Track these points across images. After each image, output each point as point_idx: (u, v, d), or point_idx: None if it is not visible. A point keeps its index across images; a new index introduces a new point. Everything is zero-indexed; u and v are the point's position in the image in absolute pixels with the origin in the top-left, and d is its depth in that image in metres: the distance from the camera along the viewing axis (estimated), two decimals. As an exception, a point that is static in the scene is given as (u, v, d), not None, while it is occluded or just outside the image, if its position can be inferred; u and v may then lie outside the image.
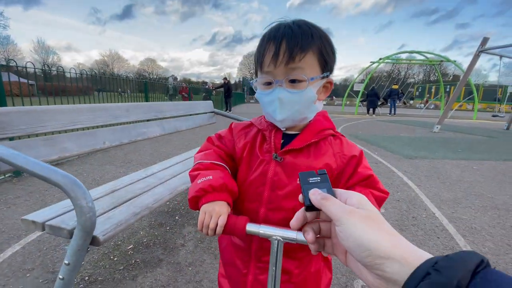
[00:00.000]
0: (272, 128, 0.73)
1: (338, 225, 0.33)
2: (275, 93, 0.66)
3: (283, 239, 0.57)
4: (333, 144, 0.72)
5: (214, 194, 0.65)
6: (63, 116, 1.35)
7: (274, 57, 0.63)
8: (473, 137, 7.70)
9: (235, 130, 0.80)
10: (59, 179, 0.90)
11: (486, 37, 7.31)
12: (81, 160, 4.04)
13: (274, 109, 0.67)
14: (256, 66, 0.72)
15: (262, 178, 0.70)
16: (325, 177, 0.42)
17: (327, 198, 0.36)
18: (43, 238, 1.93)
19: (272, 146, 0.71)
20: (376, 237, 0.30)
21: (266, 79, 0.67)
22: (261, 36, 0.71)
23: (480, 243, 2.05)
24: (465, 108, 25.88)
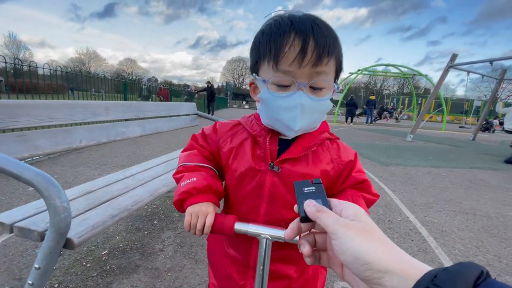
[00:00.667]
0: (267, 133, 0.66)
1: (334, 239, 0.32)
2: (298, 98, 0.56)
3: (271, 238, 0.57)
4: (330, 149, 0.68)
5: (199, 196, 0.63)
6: (38, 112, 1.27)
7: (301, 55, 0.53)
8: (443, 146, 8.19)
9: (220, 130, 0.73)
10: (32, 177, 0.84)
11: (455, 53, 7.88)
12: (52, 161, 3.81)
13: (293, 117, 0.58)
14: (260, 59, 0.60)
15: (258, 190, 0.65)
16: (320, 186, 0.41)
17: (322, 210, 0.36)
18: (9, 243, 1.78)
19: (267, 155, 0.64)
20: (374, 250, 0.30)
21: (285, 80, 0.56)
22: (269, 23, 0.59)
23: (451, 245, 2.17)
24: (435, 120, 27.51)
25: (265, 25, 0.60)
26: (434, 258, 1.96)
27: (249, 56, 0.66)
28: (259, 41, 0.59)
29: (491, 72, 9.42)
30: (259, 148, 0.66)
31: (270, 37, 0.56)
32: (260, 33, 0.61)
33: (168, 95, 11.26)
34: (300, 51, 0.53)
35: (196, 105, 2.88)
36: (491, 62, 7.20)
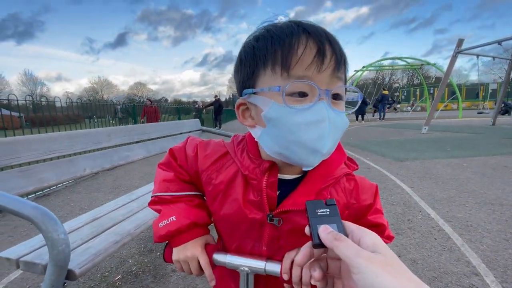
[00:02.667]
0: (263, 173, 0.52)
1: (356, 273, 0.30)
2: (323, 108, 0.44)
3: (251, 271, 0.52)
4: (347, 190, 0.55)
5: (181, 236, 0.56)
6: (39, 145, 1.31)
7: (319, 56, 0.43)
8: (461, 135, 7.85)
9: (202, 159, 0.59)
10: (28, 212, 0.85)
11: (461, 38, 7.65)
12: (69, 189, 3.93)
13: (320, 135, 0.44)
14: (259, 69, 0.47)
15: (256, 244, 0.56)
16: (334, 209, 0.38)
17: (340, 239, 0.33)
18: (26, 276, 1.82)
19: (264, 203, 0.51)
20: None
21: (303, 86, 0.44)
22: (264, 29, 0.48)
23: (478, 240, 2.03)
24: (450, 108, 26.59)
25: (258, 32, 0.49)
26: (461, 256, 1.83)
27: (235, 73, 0.53)
28: (254, 48, 0.47)
29: (503, 53, 9.03)
30: (253, 192, 0.53)
31: (273, 39, 0.45)
32: (253, 40, 0.49)
33: (157, 113, 9.11)
34: (317, 52, 0.43)
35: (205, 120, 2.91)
36: (499, 42, 6.92)
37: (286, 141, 0.46)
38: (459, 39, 7.66)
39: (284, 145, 0.46)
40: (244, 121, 0.53)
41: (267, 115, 0.46)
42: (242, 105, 0.52)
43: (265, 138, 0.48)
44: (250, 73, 0.48)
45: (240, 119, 0.53)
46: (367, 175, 3.80)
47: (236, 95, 0.57)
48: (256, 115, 0.50)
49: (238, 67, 0.52)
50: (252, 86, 0.49)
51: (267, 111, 0.46)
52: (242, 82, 0.50)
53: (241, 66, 0.50)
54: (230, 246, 0.60)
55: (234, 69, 0.54)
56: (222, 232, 0.61)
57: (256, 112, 0.49)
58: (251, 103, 0.50)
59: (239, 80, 0.52)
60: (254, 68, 0.48)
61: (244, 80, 0.50)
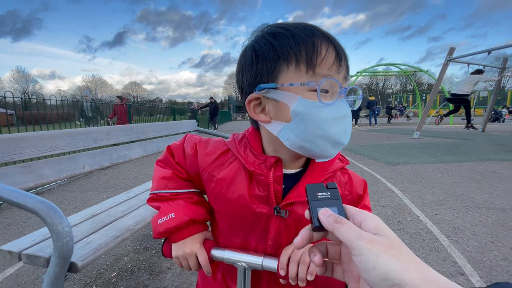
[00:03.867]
0: (269, 168, 0.53)
1: (357, 255, 0.29)
2: (345, 105, 0.49)
3: (248, 266, 0.53)
4: (342, 183, 0.59)
5: (180, 232, 0.57)
6: (41, 142, 1.34)
7: (338, 59, 0.48)
8: (451, 141, 8.03)
9: (201, 156, 0.59)
10: (34, 205, 0.88)
11: (452, 47, 7.85)
12: (63, 187, 3.90)
13: (344, 129, 0.49)
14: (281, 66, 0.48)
15: (261, 239, 0.57)
16: (335, 192, 0.37)
17: (342, 221, 0.32)
18: (22, 272, 1.82)
19: (272, 196, 0.53)
20: (405, 270, 0.27)
21: (330, 83, 0.47)
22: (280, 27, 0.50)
23: (464, 242, 2.11)
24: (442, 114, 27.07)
25: (271, 30, 0.50)
26: (447, 257, 1.91)
27: (248, 67, 0.52)
28: (273, 44, 0.48)
29: (494, 61, 9.31)
30: (259, 187, 0.54)
31: (295, 38, 0.47)
32: (269, 36, 0.49)
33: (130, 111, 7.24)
34: (337, 55, 0.48)
35: (200, 121, 2.94)
36: (489, 52, 7.13)
37: (312, 135, 0.47)
38: (451, 47, 7.86)
39: (309, 139, 0.48)
40: (256, 116, 0.52)
41: (296, 110, 0.47)
42: (255, 100, 0.52)
43: (287, 133, 0.49)
44: (271, 68, 0.49)
45: (252, 114, 0.53)
46: (359, 178, 3.88)
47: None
48: (275, 110, 0.50)
49: (251, 61, 0.51)
50: (272, 81, 0.49)
51: (296, 106, 0.47)
52: (260, 76, 0.50)
53: (257, 60, 0.50)
54: (233, 244, 0.59)
55: (246, 63, 0.52)
56: (224, 229, 0.60)
57: (276, 107, 0.50)
58: (269, 98, 0.50)
59: (254, 74, 0.51)
60: (275, 63, 0.48)
61: (263, 74, 0.50)
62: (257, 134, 0.58)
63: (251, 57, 0.51)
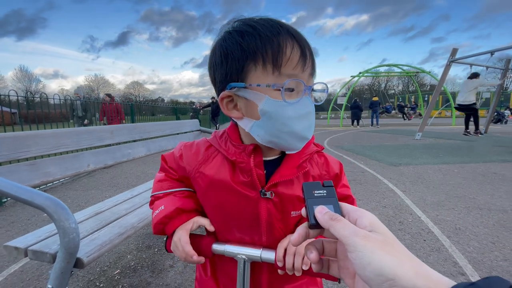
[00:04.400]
0: (249, 155, 0.57)
1: (352, 251, 0.30)
2: (309, 102, 0.53)
3: (248, 258, 0.57)
4: (319, 163, 0.64)
5: (172, 223, 0.60)
6: (47, 141, 1.36)
7: (303, 58, 0.50)
8: (453, 142, 8.01)
9: (187, 157, 0.64)
10: (42, 202, 0.90)
11: (455, 48, 7.83)
12: (65, 186, 3.93)
13: (309, 125, 0.53)
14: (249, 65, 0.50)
15: (255, 222, 0.59)
16: (331, 190, 0.38)
17: (337, 219, 0.33)
18: (26, 268, 1.85)
19: (256, 181, 0.56)
20: (398, 266, 0.27)
21: (295, 84, 0.50)
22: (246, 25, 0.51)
23: (465, 243, 2.11)
24: (444, 115, 26.97)
25: (239, 28, 0.52)
26: (448, 257, 1.91)
27: (218, 65, 0.54)
28: (241, 44, 0.50)
29: (497, 62, 9.28)
30: (242, 174, 0.58)
31: (261, 37, 0.49)
32: (237, 35, 0.51)
33: (120, 112, 7.02)
34: (302, 53, 0.50)
35: (202, 120, 2.96)
36: (492, 53, 7.11)
37: (280, 132, 0.52)
38: (453, 48, 7.85)
39: (277, 135, 0.52)
40: (229, 113, 0.56)
41: (264, 109, 0.50)
42: (227, 97, 0.55)
43: (257, 129, 0.53)
44: (239, 68, 0.51)
45: (225, 111, 0.56)
46: (361, 179, 3.88)
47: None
48: (246, 108, 0.53)
49: (221, 60, 0.53)
50: (241, 80, 0.52)
51: (263, 105, 0.50)
52: (229, 76, 0.52)
53: (226, 59, 0.52)
54: (231, 238, 0.63)
55: (216, 61, 0.54)
56: (219, 225, 0.63)
57: (246, 105, 0.53)
58: (239, 96, 0.53)
59: (225, 73, 0.53)
60: (244, 63, 0.50)
61: (232, 73, 0.52)
62: (235, 128, 0.62)
63: (221, 56, 0.53)
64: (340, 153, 6.18)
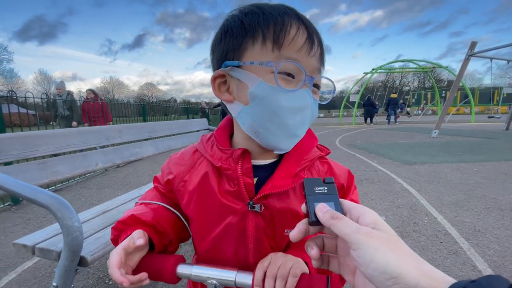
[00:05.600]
0: (234, 160, 0.50)
1: (355, 249, 0.29)
2: (307, 95, 0.45)
3: (219, 283, 0.47)
4: (320, 172, 0.55)
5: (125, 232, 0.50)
6: (55, 140, 1.38)
7: (309, 42, 0.44)
8: (473, 139, 7.68)
9: (173, 168, 0.57)
10: (46, 200, 0.90)
11: (474, 41, 7.49)
12: (80, 184, 4.04)
13: (302, 121, 0.46)
14: (247, 42, 0.45)
15: (241, 238, 0.51)
16: (333, 187, 0.37)
17: (339, 217, 0.32)
18: (39, 265, 1.90)
19: (243, 191, 0.49)
20: (402, 263, 0.27)
21: (294, 68, 0.43)
22: (253, 6, 0.47)
23: (485, 245, 2.00)
24: (462, 112, 26.00)
25: (246, 9, 0.47)
26: (466, 260, 1.82)
27: (216, 44, 0.50)
28: (243, 21, 0.45)
29: (519, 56, 8.80)
30: (229, 182, 0.51)
31: (265, 15, 0.44)
32: (240, 14, 0.47)
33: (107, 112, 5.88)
34: (308, 37, 0.44)
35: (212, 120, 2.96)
36: (514, 46, 6.77)
37: (268, 122, 0.45)
38: (472, 41, 7.51)
39: (264, 125, 0.46)
40: (220, 95, 0.50)
41: (254, 92, 0.44)
42: (220, 77, 0.49)
43: (244, 116, 0.47)
44: (237, 45, 0.46)
45: (216, 93, 0.50)
46: (373, 178, 3.78)
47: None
48: (237, 90, 0.47)
49: (220, 37, 0.48)
50: (237, 58, 0.46)
51: (255, 88, 0.44)
52: (226, 52, 0.47)
53: (225, 36, 0.47)
54: (214, 256, 0.54)
55: (215, 40, 0.50)
56: (201, 238, 0.55)
57: (238, 87, 0.47)
58: (232, 76, 0.47)
59: (222, 50, 0.48)
60: (242, 39, 0.45)
61: (228, 50, 0.46)
62: (225, 129, 0.57)
63: (220, 33, 0.49)
64: (353, 152, 6.05)
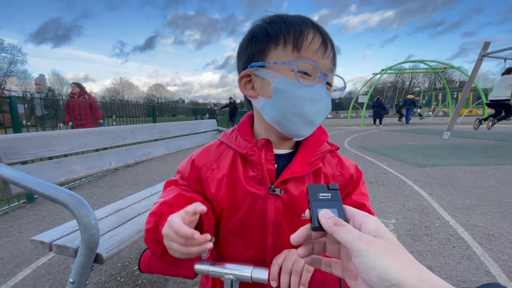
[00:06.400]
0: (258, 148, 0.56)
1: (356, 256, 0.30)
2: (323, 89, 0.52)
3: (236, 278, 0.50)
4: (332, 163, 0.61)
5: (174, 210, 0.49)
6: (71, 140, 1.41)
7: (324, 45, 0.52)
8: (486, 142, 7.50)
9: (199, 161, 0.61)
10: (64, 198, 0.93)
11: (487, 41, 7.31)
12: (92, 183, 4.13)
13: (318, 111, 0.53)
14: (270, 46, 0.53)
15: (262, 220, 0.56)
16: (336, 193, 0.38)
17: (341, 224, 0.33)
18: (53, 262, 1.95)
19: (265, 176, 0.55)
20: (402, 271, 0.28)
21: (311, 67, 0.51)
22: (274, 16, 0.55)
23: (499, 250, 1.95)
24: (475, 114, 25.37)
25: (268, 19, 0.55)
26: (480, 265, 1.78)
27: (243, 49, 0.57)
28: (266, 29, 0.53)
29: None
30: (252, 168, 0.56)
31: (286, 24, 0.52)
32: (264, 23, 0.55)
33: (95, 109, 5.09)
34: (323, 41, 0.52)
35: (220, 121, 2.98)
36: (531, 46, 6.57)
37: (288, 112, 0.52)
38: (485, 41, 7.33)
39: (285, 115, 0.53)
40: (245, 92, 0.58)
41: (277, 87, 0.52)
42: (246, 76, 0.57)
43: (268, 108, 0.54)
44: (262, 48, 0.54)
45: (242, 90, 0.58)
46: (383, 180, 3.73)
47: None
48: (261, 87, 0.55)
49: (248, 42, 0.56)
50: (261, 60, 0.54)
51: (278, 83, 0.52)
52: (252, 55, 0.55)
53: (252, 41, 0.55)
54: (233, 237, 0.59)
55: (242, 45, 0.58)
56: (226, 221, 0.59)
57: (262, 84, 0.55)
58: (257, 75, 0.55)
59: (248, 54, 0.56)
60: (266, 44, 0.53)
61: (254, 54, 0.55)
62: (247, 124, 0.63)
63: (247, 40, 0.57)
64: (361, 153, 5.98)
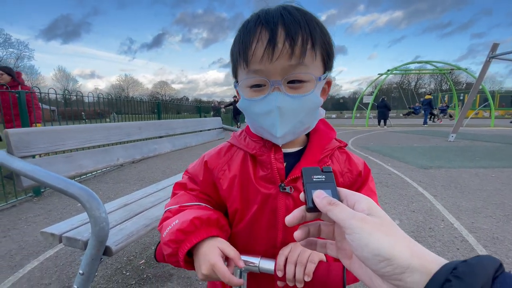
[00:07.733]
0: (267, 148, 0.57)
1: (350, 234, 0.31)
2: (273, 100, 0.49)
3: (244, 269, 0.52)
4: (340, 160, 0.61)
5: (189, 239, 0.50)
6: (82, 135, 1.44)
7: (270, 47, 0.47)
8: (492, 144, 7.42)
9: (211, 162, 0.62)
10: (76, 191, 0.96)
11: (495, 43, 7.22)
12: (97, 178, 4.18)
13: (272, 123, 0.51)
14: (235, 63, 0.54)
15: (272, 218, 0.57)
16: (330, 175, 0.38)
17: (335, 203, 0.33)
18: (60, 254, 1.98)
19: (275, 175, 0.56)
20: (394, 246, 0.28)
21: (255, 81, 0.50)
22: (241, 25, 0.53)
23: (504, 253, 1.95)
24: (481, 116, 25.10)
25: (242, 27, 0.54)
26: (484, 267, 1.77)
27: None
28: (232, 48, 0.55)
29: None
30: (262, 168, 0.57)
31: (239, 36, 0.52)
32: (237, 37, 0.55)
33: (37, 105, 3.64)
34: (268, 43, 0.47)
35: (224, 119, 3.00)
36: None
37: (255, 126, 0.57)
38: (494, 43, 7.25)
39: (255, 129, 0.58)
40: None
41: (241, 106, 0.55)
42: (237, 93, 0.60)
43: (248, 122, 0.59)
44: (233, 67, 0.56)
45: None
46: (387, 181, 3.72)
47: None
48: None
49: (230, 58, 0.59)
50: (236, 78, 0.57)
51: (240, 102, 0.55)
52: (233, 73, 0.58)
53: (234, 49, 0.56)
54: (245, 233, 0.60)
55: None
56: (238, 220, 0.60)
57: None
58: (239, 93, 0.58)
59: (232, 70, 0.58)
60: (236, 56, 0.53)
61: (233, 71, 0.57)
62: None
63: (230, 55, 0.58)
64: (366, 154, 5.96)
